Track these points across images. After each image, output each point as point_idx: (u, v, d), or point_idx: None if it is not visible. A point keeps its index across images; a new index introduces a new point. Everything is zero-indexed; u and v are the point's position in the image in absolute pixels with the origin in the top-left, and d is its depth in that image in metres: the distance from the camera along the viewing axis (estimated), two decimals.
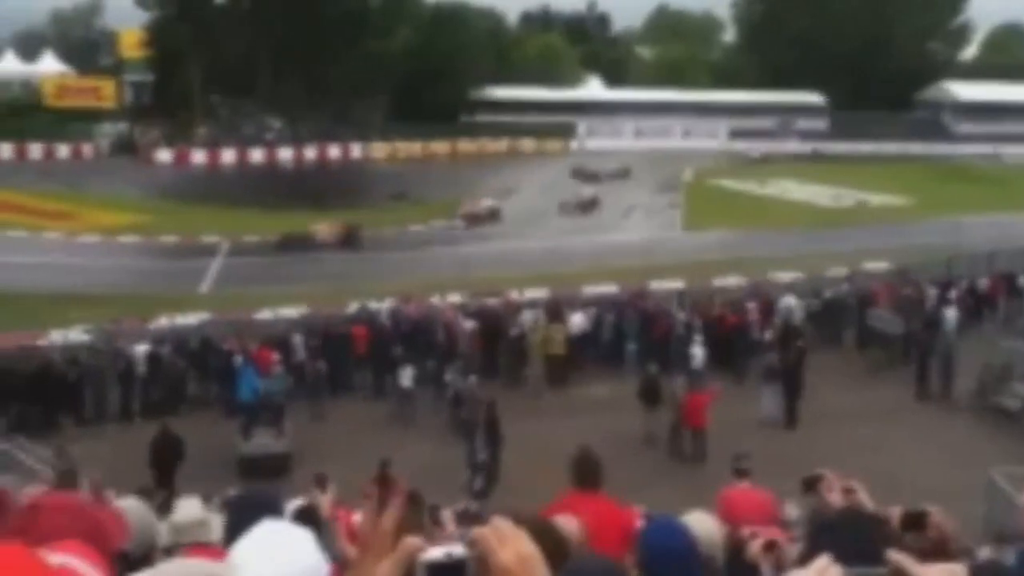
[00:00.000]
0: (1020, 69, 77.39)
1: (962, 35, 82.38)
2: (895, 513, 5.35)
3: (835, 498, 5.88)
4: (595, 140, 63.87)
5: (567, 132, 64.66)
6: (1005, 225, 32.94)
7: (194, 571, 1.74)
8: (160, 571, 1.78)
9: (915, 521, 5.31)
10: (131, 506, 3.69)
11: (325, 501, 7.70)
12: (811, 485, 6.89)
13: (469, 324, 21.22)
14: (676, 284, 26.12)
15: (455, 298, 24.52)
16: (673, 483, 14.14)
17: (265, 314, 23.16)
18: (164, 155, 52.89)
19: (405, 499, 5.54)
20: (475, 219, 38.62)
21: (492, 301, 23.71)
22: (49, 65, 65.26)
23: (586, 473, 5.06)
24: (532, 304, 23.13)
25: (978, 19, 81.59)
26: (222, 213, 37.52)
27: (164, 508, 5.59)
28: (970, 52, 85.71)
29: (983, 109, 69.10)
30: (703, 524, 4.55)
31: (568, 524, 4.37)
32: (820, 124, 69.15)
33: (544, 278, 27.17)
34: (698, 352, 19.59)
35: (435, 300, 24.27)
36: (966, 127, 69.19)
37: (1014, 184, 47.36)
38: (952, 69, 77.99)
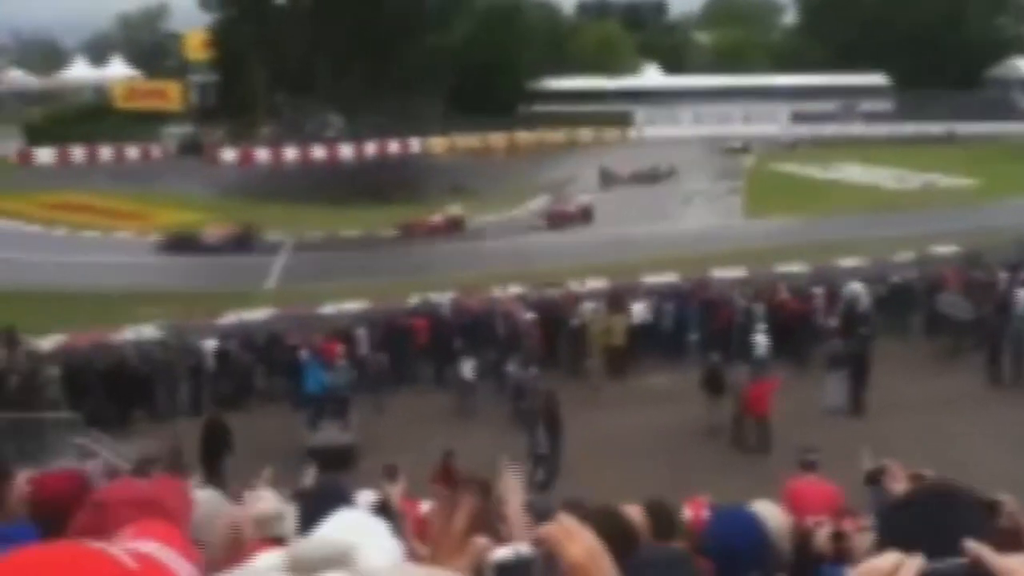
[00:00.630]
0: None
1: None
2: None
3: (900, 489, 5.81)
4: (654, 128, 63.37)
5: (625, 121, 64.28)
6: None
7: (330, 550, 1.81)
8: (297, 548, 1.85)
9: (987, 510, 5.22)
10: (207, 496, 3.77)
11: (395, 492, 7.83)
12: (875, 478, 6.79)
13: (529, 315, 21.29)
14: (738, 272, 25.84)
15: (516, 290, 24.62)
16: (737, 473, 14.03)
17: (329, 308, 23.56)
18: (229, 154, 53.97)
19: (476, 498, 5.55)
20: (424, 231, 35.02)
21: (552, 292, 23.75)
22: (118, 69, 67.19)
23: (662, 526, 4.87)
24: (593, 295, 23.11)
25: None
26: (286, 210, 38.16)
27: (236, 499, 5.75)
28: None
29: None
30: (769, 514, 4.55)
31: (633, 513, 4.38)
32: (884, 105, 67.54)
33: (604, 268, 27.10)
34: (761, 340, 19.36)
35: (496, 292, 24.40)
36: None
37: None
38: (1022, 45, 75.44)
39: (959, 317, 20.27)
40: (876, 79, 67.89)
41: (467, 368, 18.85)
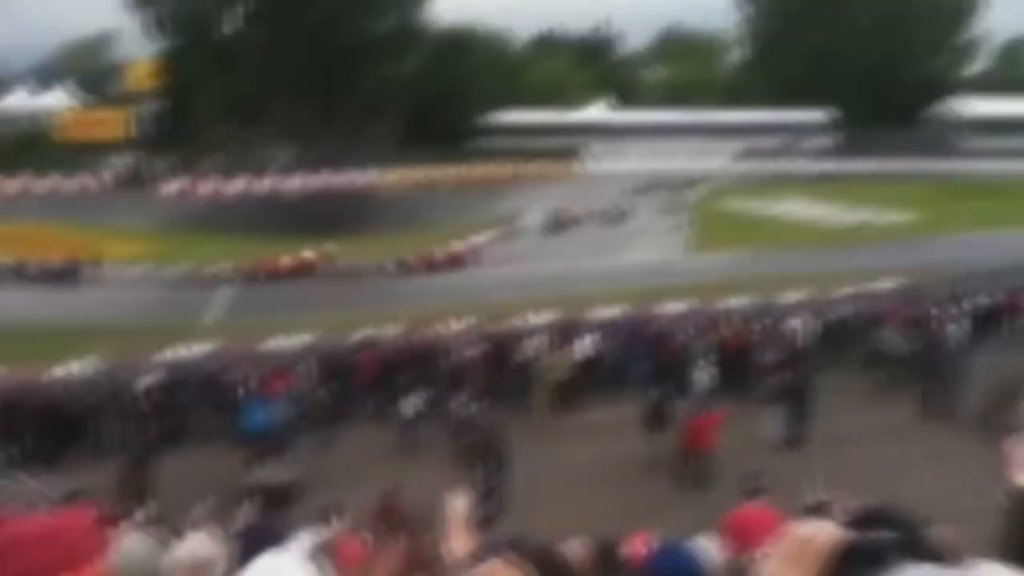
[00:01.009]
0: None
1: (970, 50, 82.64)
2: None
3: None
4: (602, 163, 64.09)
5: (575, 155, 64.90)
6: (1012, 242, 32.79)
7: None
8: None
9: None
10: (134, 541, 3.68)
11: (333, 533, 7.68)
12: (816, 512, 6.81)
13: (476, 350, 21.21)
14: (683, 306, 26.10)
15: (462, 324, 24.54)
16: (681, 508, 14.04)
17: (271, 343, 23.24)
18: (172, 185, 53.26)
19: (409, 541, 5.52)
20: (269, 272, 34.23)
21: (499, 326, 23.73)
22: (60, 98, 66.03)
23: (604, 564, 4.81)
24: (539, 329, 23.12)
25: (986, 34, 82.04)
26: (230, 242, 37.73)
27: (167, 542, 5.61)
28: (979, 67, 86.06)
29: (992, 125, 69.15)
30: (705, 550, 4.59)
31: (575, 550, 4.35)
32: (828, 142, 69.22)
33: (552, 302, 27.18)
34: (704, 375, 19.52)
35: (442, 326, 24.29)
36: (975, 143, 69.19)
37: (1022, 200, 47.25)
38: (961, 85, 78.14)
39: (895, 351, 20.69)
40: (820, 116, 69.63)
41: (411, 404, 18.69)
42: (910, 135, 68.77)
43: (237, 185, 54.06)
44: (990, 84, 78.24)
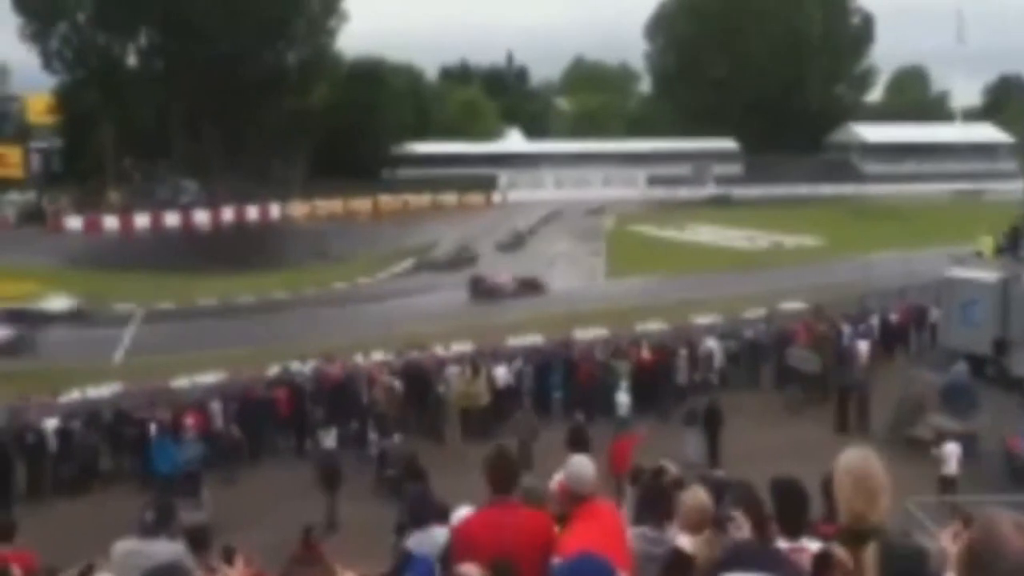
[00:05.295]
0: (922, 109, 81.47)
1: (867, 79, 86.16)
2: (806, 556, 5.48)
3: (743, 536, 5.92)
4: (517, 192, 64.55)
5: (489, 185, 65.18)
6: (914, 261, 33.95)
7: None
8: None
9: (823, 559, 5.50)
10: None
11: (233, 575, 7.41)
12: (719, 525, 6.88)
13: (395, 381, 20.91)
14: (600, 331, 26.26)
15: (379, 355, 24.20)
16: None
17: (182, 381, 22.51)
18: (74, 222, 51.50)
19: None
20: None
21: (417, 357, 23.44)
22: None
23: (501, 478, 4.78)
24: (457, 358, 22.95)
25: (881, 62, 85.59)
26: (136, 280, 36.56)
27: None
28: (875, 94, 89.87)
29: (888, 150, 72.13)
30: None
31: (471, 571, 4.30)
32: (734, 169, 71.05)
33: (469, 331, 27.07)
34: (623, 398, 19.65)
35: (359, 359, 23.89)
36: (873, 167, 71.99)
37: (920, 221, 49.23)
38: (859, 112, 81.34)
39: (806, 369, 21.19)
40: (726, 144, 71.47)
41: (329, 438, 18.32)
42: (812, 161, 71.24)
43: (143, 220, 52.58)
44: (883, 112, 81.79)
